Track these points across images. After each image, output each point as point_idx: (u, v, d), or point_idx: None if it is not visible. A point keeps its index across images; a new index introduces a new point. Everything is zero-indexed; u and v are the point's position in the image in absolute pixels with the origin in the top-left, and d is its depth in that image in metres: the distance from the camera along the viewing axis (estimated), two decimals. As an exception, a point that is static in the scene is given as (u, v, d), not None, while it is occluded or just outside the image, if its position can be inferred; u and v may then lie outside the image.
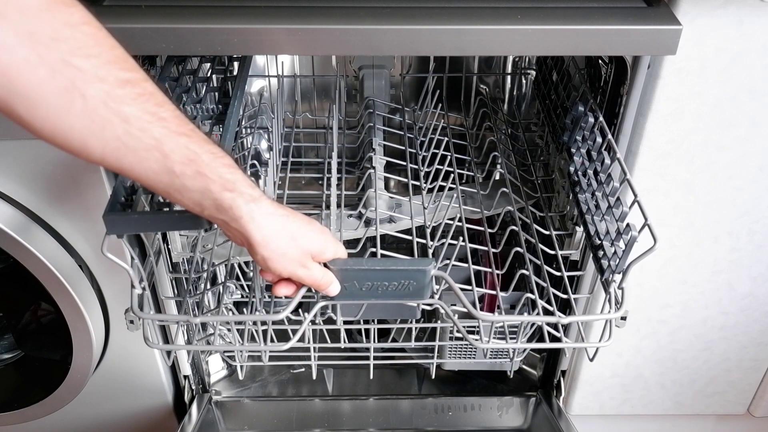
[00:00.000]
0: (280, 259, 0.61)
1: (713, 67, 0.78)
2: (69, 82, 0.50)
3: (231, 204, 0.57)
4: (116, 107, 0.51)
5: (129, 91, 0.52)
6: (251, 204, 0.58)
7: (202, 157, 0.55)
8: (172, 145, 0.54)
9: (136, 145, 0.53)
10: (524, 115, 1.21)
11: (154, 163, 0.54)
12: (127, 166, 0.54)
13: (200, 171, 0.55)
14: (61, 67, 0.49)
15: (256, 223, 0.58)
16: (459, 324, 0.70)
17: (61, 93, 0.50)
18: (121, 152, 0.53)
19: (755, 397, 1.17)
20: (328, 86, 1.20)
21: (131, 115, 0.52)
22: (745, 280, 0.99)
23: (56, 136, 0.52)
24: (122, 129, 0.52)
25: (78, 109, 0.50)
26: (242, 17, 0.69)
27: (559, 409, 1.10)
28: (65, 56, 0.49)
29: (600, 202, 0.77)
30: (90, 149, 0.52)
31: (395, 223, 0.96)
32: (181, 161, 0.54)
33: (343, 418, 1.14)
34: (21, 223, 0.84)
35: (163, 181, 0.55)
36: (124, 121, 0.52)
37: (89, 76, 0.50)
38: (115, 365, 1.04)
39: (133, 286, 0.69)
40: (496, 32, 0.70)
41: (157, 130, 0.53)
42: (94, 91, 0.50)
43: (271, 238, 0.60)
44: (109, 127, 0.51)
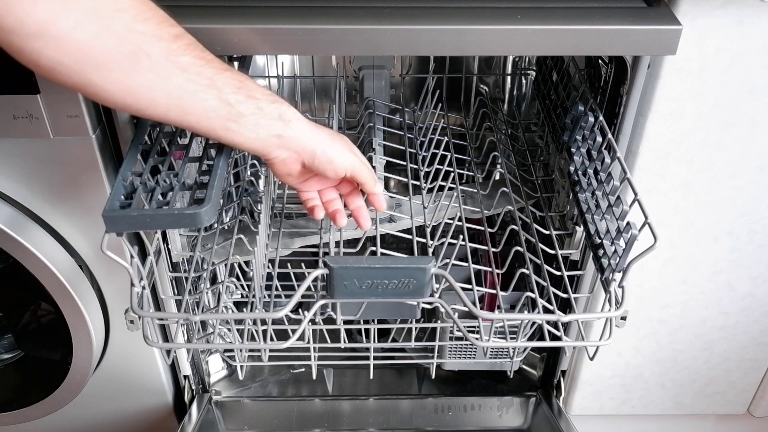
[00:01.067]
0: (339, 146, 0.70)
1: (713, 67, 0.78)
2: (135, 46, 0.57)
3: (280, 111, 0.66)
4: (175, 59, 0.59)
5: (180, 44, 0.60)
6: (292, 109, 0.67)
7: (247, 83, 0.64)
8: (223, 80, 0.62)
9: (195, 87, 0.61)
10: (524, 115, 1.21)
11: (212, 99, 0.62)
12: (189, 110, 0.62)
13: (250, 94, 0.64)
14: (126, 34, 0.56)
15: (304, 122, 0.68)
16: (459, 323, 0.70)
17: (129, 56, 0.57)
18: (183, 99, 0.61)
19: (755, 397, 1.17)
20: (328, 86, 1.20)
21: (187, 63, 0.60)
22: (745, 280, 0.99)
23: (127, 97, 0.60)
24: (182, 77, 0.60)
25: (145, 68, 0.58)
26: (242, 17, 0.69)
27: (559, 409, 1.10)
28: (128, 24, 0.56)
29: (600, 201, 0.78)
30: (157, 102, 0.60)
31: (395, 223, 0.96)
32: (233, 91, 0.62)
33: (343, 418, 1.14)
34: (21, 223, 0.84)
35: (221, 114, 0.63)
36: (182, 70, 0.60)
37: (150, 37, 0.58)
38: (115, 365, 1.04)
39: (133, 284, 0.69)
40: (496, 32, 0.70)
41: (207, 71, 0.61)
42: (156, 49, 0.58)
43: (320, 131, 0.69)
44: (171, 78, 0.59)
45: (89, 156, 0.80)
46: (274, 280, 0.95)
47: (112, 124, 0.80)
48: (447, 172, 0.98)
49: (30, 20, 0.53)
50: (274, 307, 0.96)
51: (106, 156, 0.81)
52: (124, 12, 0.56)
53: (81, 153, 0.79)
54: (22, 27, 0.53)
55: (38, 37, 0.54)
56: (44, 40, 0.54)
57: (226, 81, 0.62)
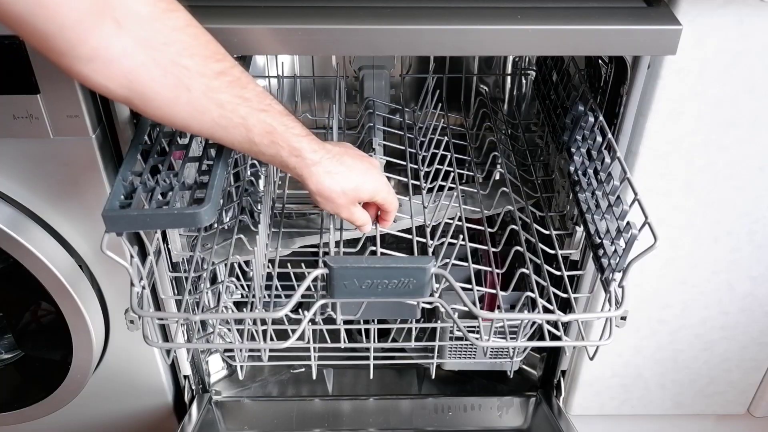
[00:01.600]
0: (330, 204, 0.74)
1: (713, 67, 0.78)
2: (177, 79, 0.59)
3: (295, 166, 0.69)
4: (213, 96, 0.62)
5: (223, 81, 0.62)
6: (312, 167, 0.70)
7: (277, 129, 0.66)
8: (254, 121, 0.65)
9: (227, 124, 0.64)
10: (524, 115, 1.21)
11: (239, 135, 0.65)
12: (217, 137, 0.66)
13: (274, 140, 0.66)
14: (171, 67, 0.58)
15: (314, 180, 0.71)
16: (459, 323, 0.70)
17: (170, 88, 0.59)
18: (214, 130, 0.64)
19: (755, 397, 1.17)
20: (328, 87, 1.20)
21: (225, 101, 0.62)
22: (745, 280, 0.99)
23: (165, 120, 0.63)
24: (217, 113, 0.63)
25: (184, 101, 0.61)
26: (242, 17, 0.69)
27: (559, 409, 1.10)
28: (174, 57, 0.58)
29: (600, 201, 0.78)
30: (190, 127, 0.64)
31: (395, 223, 0.96)
32: (260, 133, 0.65)
33: (343, 418, 1.14)
34: (21, 223, 0.84)
35: (243, 148, 0.67)
36: (219, 107, 0.62)
37: (193, 73, 0.60)
38: (115, 365, 1.04)
39: (133, 284, 0.69)
40: (496, 32, 0.70)
41: (243, 109, 0.64)
42: (197, 85, 0.60)
43: (324, 191, 0.72)
44: (207, 113, 0.62)
45: (89, 156, 0.80)
46: (274, 280, 0.95)
47: (112, 124, 0.80)
48: (447, 172, 0.98)
49: (83, 45, 0.54)
50: (274, 307, 0.96)
51: (106, 156, 0.81)
52: (172, 45, 0.58)
53: (81, 153, 0.79)
54: (73, 51, 0.54)
55: (89, 61, 0.55)
56: (94, 65, 0.56)
57: (258, 123, 0.65)
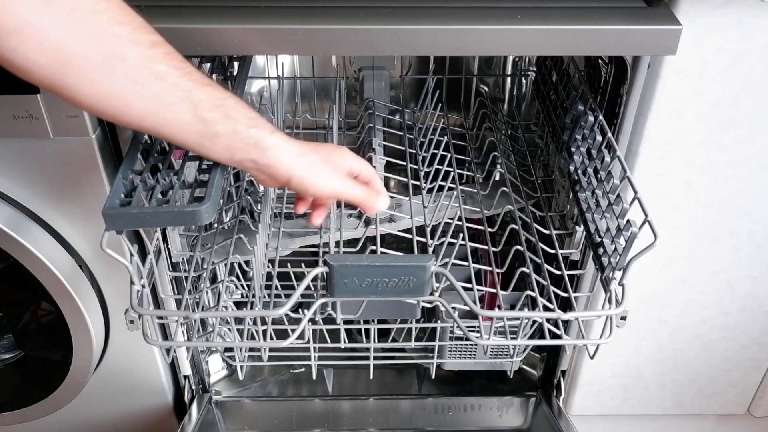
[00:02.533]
0: (319, 174, 0.67)
1: (713, 67, 0.78)
2: (110, 47, 0.56)
3: (257, 138, 0.63)
4: (151, 66, 0.58)
5: (158, 51, 0.58)
6: (274, 135, 0.64)
7: (227, 102, 0.61)
8: (201, 95, 0.60)
9: (171, 99, 0.59)
10: (524, 115, 1.21)
11: (187, 113, 0.60)
12: (164, 121, 0.60)
13: (227, 114, 0.61)
14: (102, 35, 0.56)
15: (283, 150, 0.64)
16: (459, 321, 0.70)
17: (104, 58, 0.56)
18: (158, 108, 0.59)
19: (755, 397, 1.17)
20: (328, 87, 1.20)
21: (164, 72, 0.58)
22: (745, 280, 0.99)
23: (102, 101, 0.58)
24: (158, 86, 0.58)
25: (120, 72, 0.57)
26: (242, 17, 0.69)
27: (559, 409, 1.10)
28: (104, 25, 0.56)
29: (600, 200, 0.78)
30: (132, 109, 0.59)
31: (395, 223, 0.96)
32: (209, 108, 0.60)
33: (343, 418, 1.14)
34: (21, 223, 0.84)
35: (195, 130, 0.61)
36: (158, 79, 0.58)
37: (126, 41, 0.57)
38: (115, 365, 1.04)
39: (133, 283, 0.69)
40: (496, 32, 0.70)
41: (186, 83, 0.59)
42: (131, 54, 0.57)
43: (301, 161, 0.66)
44: (147, 85, 0.58)
45: (89, 156, 0.80)
46: (273, 280, 0.95)
47: (112, 123, 0.80)
48: (447, 172, 0.98)
49: (7, 15, 0.52)
50: (274, 306, 0.96)
51: (106, 156, 0.81)
52: (101, 14, 0.56)
53: (81, 153, 0.79)
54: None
55: (14, 33, 0.53)
56: (21, 36, 0.53)
57: (204, 97, 0.60)
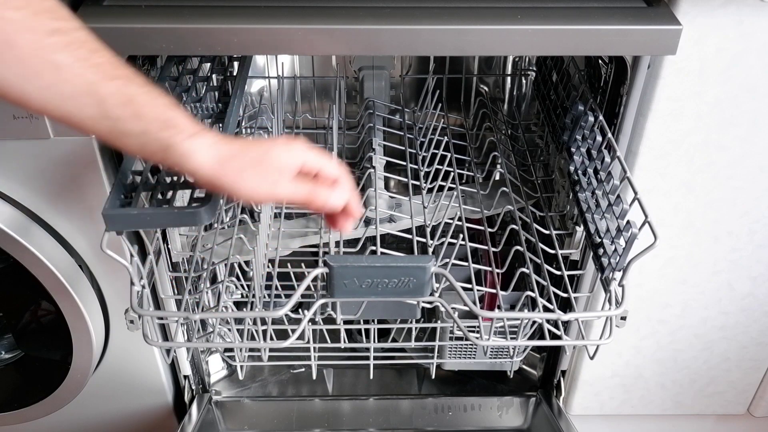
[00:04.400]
0: (248, 180, 0.58)
1: (713, 67, 0.78)
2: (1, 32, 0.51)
3: (169, 143, 0.56)
4: (46, 56, 0.53)
5: (58, 40, 0.53)
6: (191, 140, 0.56)
7: (138, 99, 0.55)
8: (108, 90, 0.54)
9: (71, 91, 0.54)
10: (524, 115, 1.21)
11: (91, 108, 0.54)
12: (67, 113, 0.55)
13: (137, 112, 0.55)
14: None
15: (201, 157, 0.57)
16: (459, 322, 0.70)
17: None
18: (59, 99, 0.54)
19: (755, 397, 1.17)
20: (328, 87, 1.20)
21: (63, 63, 0.53)
22: (745, 280, 0.99)
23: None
24: (55, 77, 0.53)
25: (10, 59, 0.52)
26: (242, 17, 0.69)
27: (559, 409, 1.10)
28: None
29: (600, 201, 0.78)
30: (29, 97, 0.54)
31: (395, 223, 0.96)
32: (117, 104, 0.55)
33: (343, 418, 1.14)
34: (21, 223, 0.84)
35: (103, 126, 0.55)
36: (56, 69, 0.53)
37: (18, 27, 0.52)
38: (115, 365, 1.04)
39: (133, 283, 0.69)
40: (496, 32, 0.70)
41: (90, 75, 0.54)
42: (23, 41, 0.52)
43: (223, 167, 0.57)
44: (43, 76, 0.53)
45: (89, 156, 0.80)
46: (274, 280, 0.95)
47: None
48: (447, 172, 0.98)
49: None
50: (274, 306, 0.96)
51: (106, 156, 0.81)
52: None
53: (81, 153, 0.79)
54: None
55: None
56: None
57: (112, 91, 0.55)
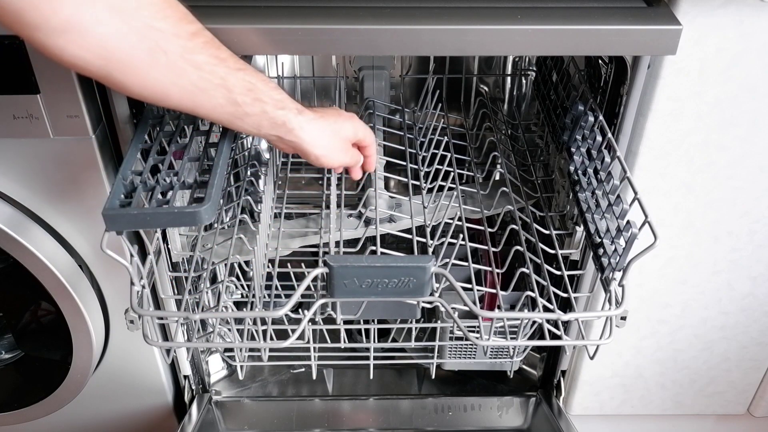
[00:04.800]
0: (330, 153, 0.75)
1: (713, 67, 0.78)
2: (153, 42, 0.59)
3: (284, 119, 0.69)
4: (190, 57, 0.61)
5: (197, 42, 0.62)
6: (299, 116, 0.70)
7: (258, 85, 0.66)
8: (234, 80, 0.64)
9: (207, 85, 0.63)
10: (524, 115, 1.21)
11: (221, 98, 0.64)
12: (199, 105, 0.65)
13: (257, 97, 0.66)
14: (145, 31, 0.59)
15: (306, 130, 0.71)
16: (459, 322, 0.70)
17: (147, 53, 0.59)
18: (195, 94, 0.63)
19: (755, 397, 1.17)
20: (328, 87, 1.20)
21: (202, 62, 0.62)
22: (745, 280, 0.99)
23: (143, 90, 0.62)
24: (196, 75, 0.62)
25: (162, 64, 0.60)
26: (242, 17, 0.69)
27: (559, 409, 1.10)
28: (147, 21, 0.59)
29: (600, 201, 0.78)
30: (170, 96, 0.63)
31: (395, 223, 0.96)
32: (242, 92, 0.65)
33: (343, 418, 1.14)
34: (21, 222, 0.84)
35: (228, 111, 0.66)
36: (196, 68, 0.62)
37: (168, 35, 0.60)
38: (115, 365, 1.04)
39: (133, 283, 0.69)
40: (496, 32, 0.70)
41: (221, 70, 0.63)
42: (173, 47, 0.60)
43: (319, 139, 0.73)
44: (185, 75, 0.62)
45: (89, 156, 0.80)
46: (274, 280, 0.95)
47: (112, 124, 0.80)
48: (447, 172, 0.98)
49: (56, 16, 0.54)
50: (274, 306, 0.96)
51: (106, 156, 0.81)
52: (144, 9, 0.58)
53: (81, 153, 0.79)
54: (47, 23, 0.54)
55: (63, 33, 0.55)
56: (68, 35, 0.56)
57: (238, 82, 0.65)
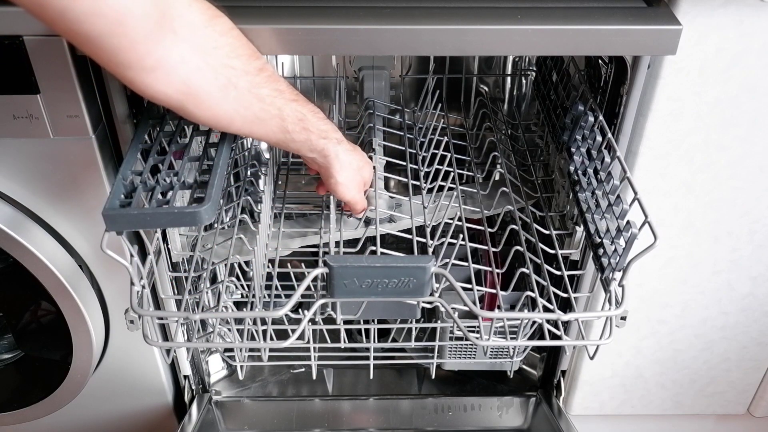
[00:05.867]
0: (349, 185, 0.82)
1: (713, 67, 0.78)
2: (227, 79, 0.64)
3: (324, 147, 0.76)
4: (256, 91, 0.67)
5: (263, 77, 0.67)
6: (337, 146, 0.77)
7: (307, 116, 0.73)
8: (289, 111, 0.70)
9: (266, 116, 0.69)
10: (524, 115, 1.21)
11: (275, 126, 0.70)
12: (255, 132, 0.70)
13: (305, 127, 0.73)
14: (221, 69, 0.63)
15: (339, 159, 0.78)
16: (459, 322, 0.70)
17: (221, 88, 0.64)
18: (254, 123, 0.69)
19: (755, 397, 1.17)
20: (328, 87, 1.20)
21: (265, 95, 0.68)
22: (745, 280, 0.99)
23: (211, 120, 0.67)
24: (259, 107, 0.68)
25: (231, 98, 0.65)
26: (242, 17, 0.69)
27: (559, 409, 1.10)
28: (223, 59, 0.63)
29: (600, 201, 0.78)
30: (233, 124, 0.68)
31: (395, 223, 0.96)
32: (293, 121, 0.71)
33: (343, 418, 1.14)
34: (21, 222, 0.84)
35: (278, 137, 0.72)
36: (260, 101, 0.67)
37: (239, 72, 0.65)
38: (115, 365, 1.04)
39: (133, 283, 0.69)
40: (496, 32, 0.70)
41: (279, 101, 0.69)
42: (243, 83, 0.65)
43: (346, 170, 0.80)
44: (250, 108, 0.67)
45: (89, 156, 0.80)
46: (274, 280, 0.95)
47: (112, 124, 0.80)
48: (447, 172, 0.98)
49: (149, 57, 0.58)
50: (274, 306, 0.96)
51: (106, 156, 0.81)
52: (221, 49, 0.63)
53: (81, 153, 0.79)
54: (141, 62, 0.58)
55: (152, 71, 0.59)
56: (156, 74, 0.59)
57: (291, 113, 0.70)
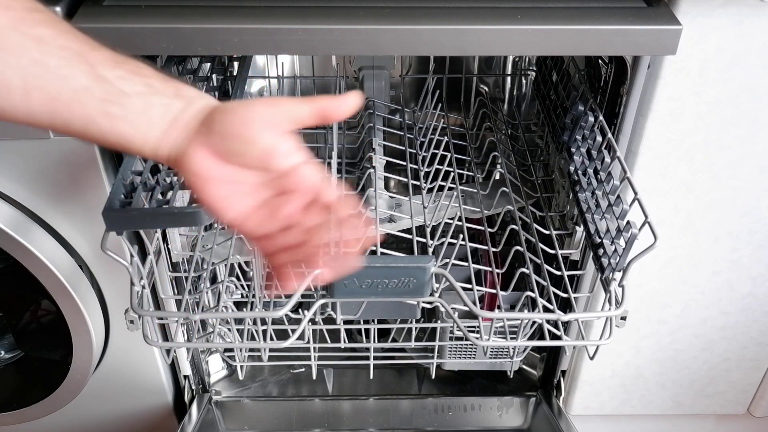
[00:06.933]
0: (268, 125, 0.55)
1: (713, 67, 0.78)
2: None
3: (178, 88, 0.52)
4: (27, 30, 0.48)
5: (39, 16, 0.49)
6: (195, 90, 0.53)
7: (129, 62, 0.51)
8: (97, 56, 0.50)
9: (57, 62, 0.48)
10: (524, 115, 1.21)
11: (81, 75, 0.49)
12: (54, 93, 0.49)
13: (133, 70, 0.50)
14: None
15: (210, 98, 0.54)
16: (459, 322, 0.70)
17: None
18: (43, 77, 0.48)
19: (755, 397, 1.17)
20: (328, 87, 1.20)
21: (45, 36, 0.48)
22: (745, 280, 0.99)
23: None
24: (39, 50, 0.48)
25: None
26: (242, 17, 0.69)
27: (559, 409, 1.10)
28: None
29: (600, 201, 0.78)
30: (12, 85, 0.48)
31: (395, 223, 0.96)
32: (111, 66, 0.50)
33: (343, 418, 1.14)
34: (21, 223, 0.84)
35: (96, 95, 0.49)
36: (39, 43, 0.48)
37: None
38: (115, 365, 1.04)
39: (133, 283, 0.70)
40: (496, 32, 0.70)
41: (74, 45, 0.49)
42: (1, 18, 0.47)
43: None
44: (25, 51, 0.48)
45: (89, 156, 0.80)
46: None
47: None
48: (447, 172, 0.98)
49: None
50: (274, 306, 0.96)
51: (106, 156, 0.81)
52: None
53: (81, 153, 0.79)
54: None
55: None
56: None
57: (101, 58, 0.50)
